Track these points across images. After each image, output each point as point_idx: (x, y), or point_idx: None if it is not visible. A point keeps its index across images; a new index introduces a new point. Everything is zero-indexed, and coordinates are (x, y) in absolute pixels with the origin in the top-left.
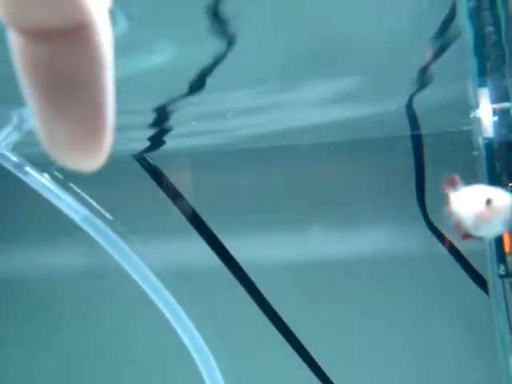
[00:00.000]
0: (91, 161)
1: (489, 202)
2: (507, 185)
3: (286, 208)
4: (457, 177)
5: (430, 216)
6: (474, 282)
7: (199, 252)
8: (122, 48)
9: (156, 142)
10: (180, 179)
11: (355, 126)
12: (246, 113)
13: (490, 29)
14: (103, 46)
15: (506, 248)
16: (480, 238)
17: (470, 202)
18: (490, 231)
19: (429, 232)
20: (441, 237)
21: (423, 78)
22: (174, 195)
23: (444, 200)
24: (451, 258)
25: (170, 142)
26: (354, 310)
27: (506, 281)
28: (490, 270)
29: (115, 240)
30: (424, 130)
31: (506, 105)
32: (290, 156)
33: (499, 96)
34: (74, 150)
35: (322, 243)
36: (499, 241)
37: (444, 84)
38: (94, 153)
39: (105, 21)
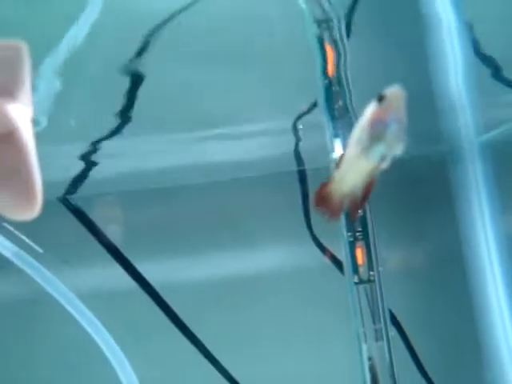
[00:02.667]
0: (29, 215)
1: (381, 98)
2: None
3: (196, 236)
4: None
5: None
6: None
7: (119, 278)
8: None
9: (77, 184)
10: (102, 215)
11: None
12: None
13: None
14: (28, 142)
15: (359, 261)
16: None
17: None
18: (389, 139)
19: (315, 247)
20: (324, 250)
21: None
22: (95, 231)
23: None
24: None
25: (92, 183)
26: (261, 322)
27: (360, 287)
28: (347, 279)
29: (43, 271)
30: (307, 166)
31: None
32: (196, 192)
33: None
34: (15, 212)
35: (228, 264)
36: (353, 254)
37: (314, 132)
38: (30, 211)
39: (28, 125)
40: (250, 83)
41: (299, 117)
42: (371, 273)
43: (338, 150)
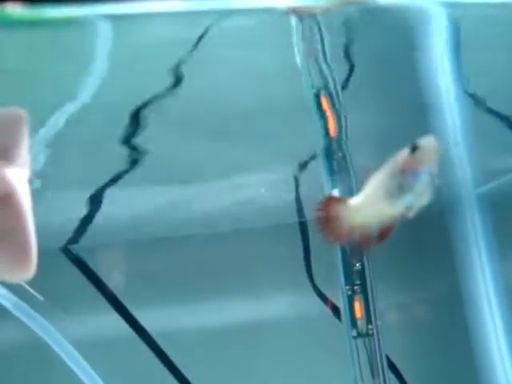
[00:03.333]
0: (23, 277)
1: (415, 148)
2: (355, 265)
3: (198, 286)
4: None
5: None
6: None
7: (118, 327)
8: None
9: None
10: (103, 264)
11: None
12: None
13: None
14: (25, 204)
15: (357, 314)
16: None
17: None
18: (419, 190)
19: (316, 297)
20: (325, 299)
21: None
22: (95, 280)
23: None
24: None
25: (93, 233)
26: (262, 370)
27: (358, 341)
28: (346, 333)
29: (42, 321)
30: (307, 217)
31: None
32: (198, 242)
33: (345, 195)
34: (9, 273)
35: (229, 313)
36: (351, 308)
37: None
38: (24, 272)
39: (25, 188)
40: (252, 136)
41: (300, 169)
42: (369, 326)
43: None
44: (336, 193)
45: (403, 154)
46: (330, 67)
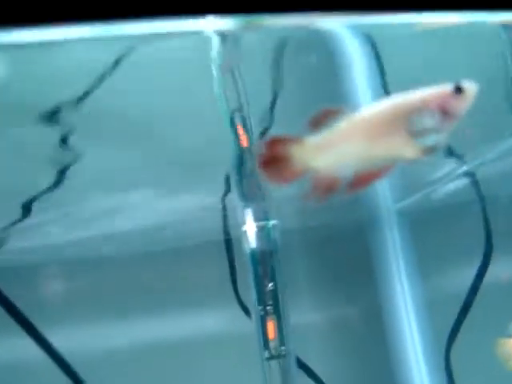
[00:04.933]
0: None
1: (459, 89)
2: (267, 285)
3: (119, 305)
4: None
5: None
6: None
7: (29, 349)
8: None
9: None
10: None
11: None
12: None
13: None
14: None
15: (270, 335)
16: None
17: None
18: (445, 131)
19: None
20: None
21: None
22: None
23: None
24: None
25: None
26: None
27: (272, 362)
28: (259, 354)
29: None
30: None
31: (263, 223)
32: (118, 262)
33: (259, 216)
34: None
35: (153, 331)
36: (264, 329)
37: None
38: None
39: None
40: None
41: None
42: (282, 348)
43: (249, 222)
44: (248, 212)
45: (441, 90)
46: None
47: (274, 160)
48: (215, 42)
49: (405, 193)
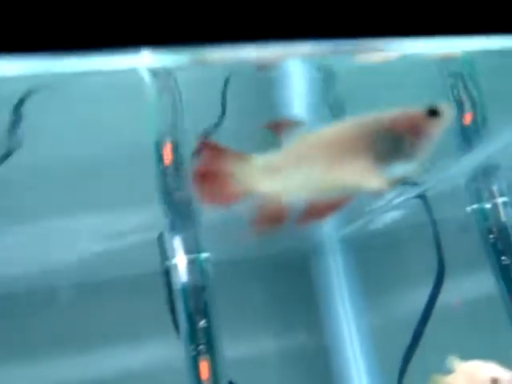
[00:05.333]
0: None
1: (434, 112)
2: (199, 322)
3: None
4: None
5: None
6: None
7: None
8: None
9: None
10: None
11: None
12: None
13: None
14: None
15: (202, 376)
16: None
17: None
18: (421, 156)
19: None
20: None
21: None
22: None
23: None
24: None
25: None
26: None
27: None
28: None
29: None
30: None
31: (194, 255)
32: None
33: (190, 249)
34: None
35: (90, 365)
36: (196, 370)
37: None
38: None
39: None
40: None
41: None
42: None
43: (179, 254)
44: (177, 240)
45: (408, 113)
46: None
47: (212, 175)
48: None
49: (348, 219)
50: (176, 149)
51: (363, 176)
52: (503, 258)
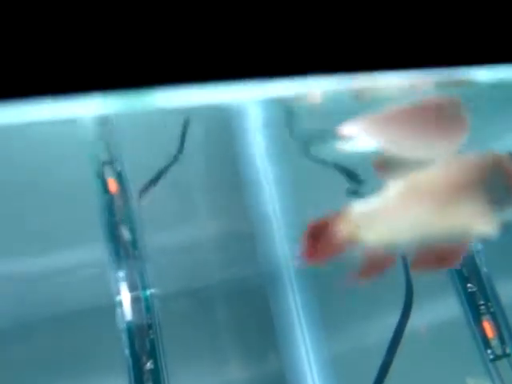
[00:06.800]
0: None
1: None
2: (146, 364)
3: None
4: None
5: None
6: None
7: None
8: None
9: None
10: None
11: None
12: None
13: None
14: None
15: None
16: None
17: None
18: None
19: None
20: None
21: None
22: None
23: None
24: None
25: None
26: None
27: None
28: None
29: None
30: None
31: (139, 292)
32: None
33: (133, 286)
34: None
35: None
36: None
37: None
38: None
39: None
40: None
41: None
42: None
43: (123, 291)
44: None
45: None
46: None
47: (320, 246)
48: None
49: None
50: (121, 182)
51: (476, 219)
52: (469, 285)
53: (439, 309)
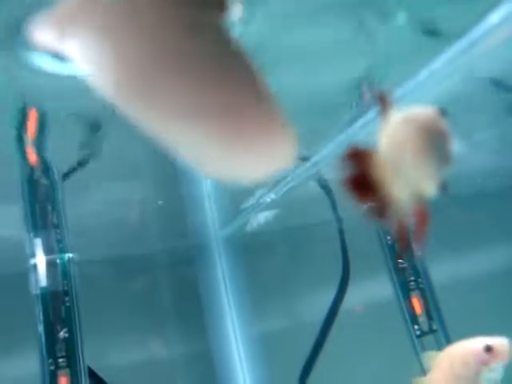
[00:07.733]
0: None
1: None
2: (59, 333)
3: None
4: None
5: None
6: None
7: None
8: None
9: None
10: None
11: None
12: None
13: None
14: None
15: None
16: None
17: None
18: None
19: None
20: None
21: None
22: None
23: None
24: None
25: None
26: None
27: None
28: None
29: None
30: None
31: (56, 256)
32: None
33: (49, 249)
34: None
35: None
36: None
37: None
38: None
39: None
40: None
41: None
42: None
43: (39, 255)
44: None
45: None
46: None
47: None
48: None
49: (234, 216)
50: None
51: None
52: (400, 260)
53: (372, 285)
